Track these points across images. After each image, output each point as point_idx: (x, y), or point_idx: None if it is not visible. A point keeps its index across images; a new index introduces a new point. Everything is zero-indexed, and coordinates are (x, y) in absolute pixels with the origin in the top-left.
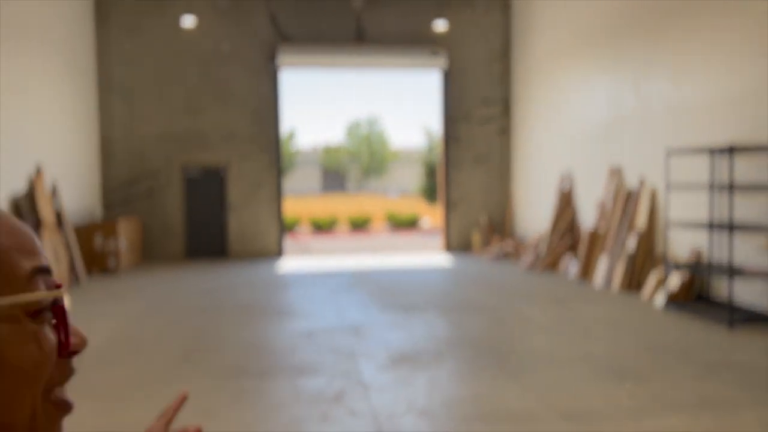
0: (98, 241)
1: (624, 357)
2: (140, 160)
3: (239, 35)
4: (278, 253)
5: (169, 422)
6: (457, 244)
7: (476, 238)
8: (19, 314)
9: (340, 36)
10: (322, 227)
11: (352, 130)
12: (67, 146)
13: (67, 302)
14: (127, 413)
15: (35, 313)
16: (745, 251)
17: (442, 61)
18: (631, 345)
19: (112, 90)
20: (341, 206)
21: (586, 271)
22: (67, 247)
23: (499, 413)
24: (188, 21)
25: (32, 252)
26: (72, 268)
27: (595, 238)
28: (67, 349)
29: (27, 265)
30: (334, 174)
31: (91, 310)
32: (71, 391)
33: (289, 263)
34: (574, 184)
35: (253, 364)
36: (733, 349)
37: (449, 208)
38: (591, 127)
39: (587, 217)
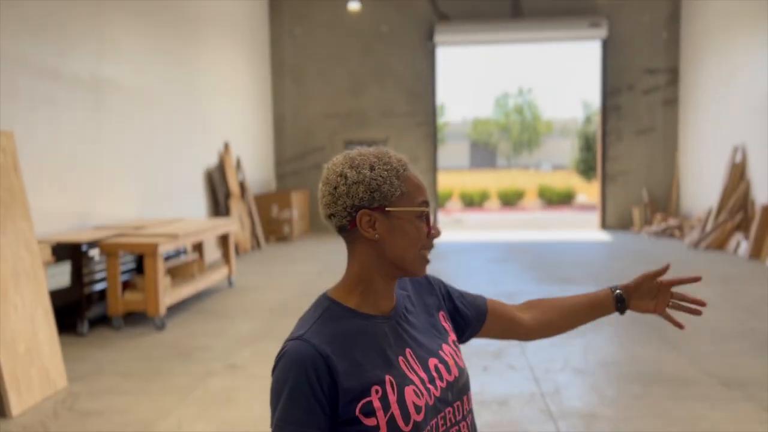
0: (274, 210)
1: None
2: (308, 136)
3: (399, 16)
4: None
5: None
6: (615, 221)
7: (636, 214)
8: (413, 216)
9: (497, 12)
10: (473, 202)
11: (501, 101)
12: (247, 124)
13: (431, 214)
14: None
15: (420, 215)
16: None
17: (602, 32)
18: None
19: (284, 73)
20: (491, 181)
21: (758, 249)
22: (250, 214)
23: (655, 376)
24: (353, 5)
25: (422, 190)
26: (254, 233)
27: None
28: (430, 233)
29: (421, 197)
30: (484, 148)
31: (276, 270)
32: (274, 336)
33: (444, 237)
34: (747, 157)
35: None
36: None
37: (607, 182)
38: (766, 97)
39: (761, 192)
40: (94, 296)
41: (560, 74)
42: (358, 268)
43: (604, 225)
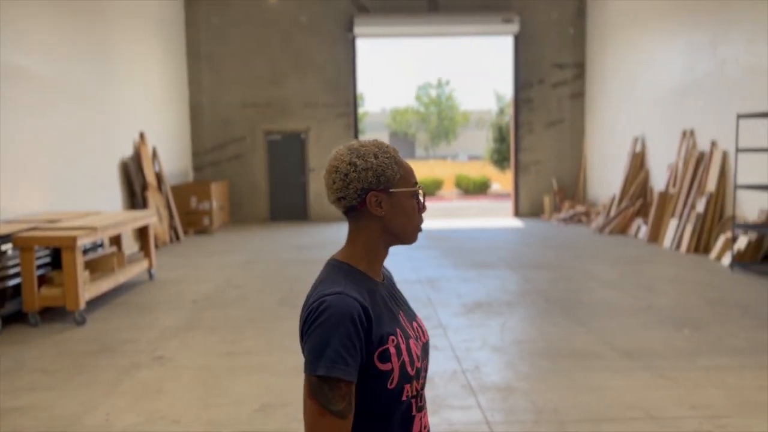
0: (193, 201)
1: (685, 309)
2: (227, 126)
3: (318, 7)
4: None
5: None
6: (528, 208)
7: (547, 202)
8: (410, 195)
9: (414, 6)
10: None
11: (421, 91)
12: (163, 114)
13: (421, 194)
14: (244, 341)
15: (414, 194)
16: None
17: (514, 27)
18: (694, 299)
19: (201, 61)
20: None
21: (656, 233)
22: (168, 206)
23: (564, 351)
24: None
25: (413, 173)
26: (172, 225)
27: (665, 201)
28: (421, 209)
29: (413, 178)
30: (403, 138)
31: (198, 262)
32: (200, 327)
33: None
34: (646, 148)
35: None
36: None
37: (520, 172)
38: (666, 90)
39: (659, 180)
40: (8, 292)
41: (476, 67)
42: (364, 240)
43: (518, 212)
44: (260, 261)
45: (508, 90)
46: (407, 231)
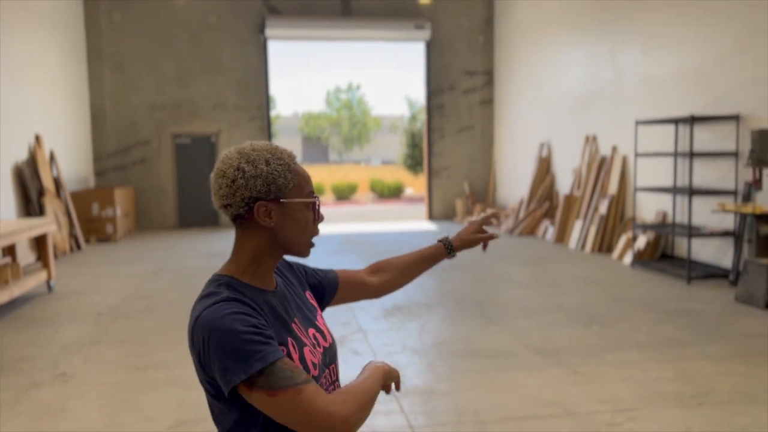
0: (95, 208)
1: (592, 307)
2: (131, 129)
3: (228, 7)
4: None
5: (481, 223)
6: (441, 212)
7: (459, 205)
8: (304, 206)
9: (327, 9)
10: None
11: (332, 96)
12: (61, 116)
13: (319, 203)
14: (155, 354)
15: (308, 206)
16: (703, 213)
17: (426, 34)
18: (600, 297)
19: (102, 61)
20: (325, 175)
21: (562, 234)
22: (67, 213)
23: (482, 351)
24: None
25: (310, 181)
26: (72, 234)
27: (570, 203)
28: (318, 219)
29: (309, 188)
30: (315, 143)
31: (101, 272)
32: (104, 340)
33: None
34: (552, 153)
35: None
36: (690, 299)
37: (433, 176)
38: (569, 97)
39: (564, 183)
40: None
41: (389, 73)
42: (250, 251)
43: (431, 216)
44: (169, 269)
45: (420, 96)
46: (299, 244)
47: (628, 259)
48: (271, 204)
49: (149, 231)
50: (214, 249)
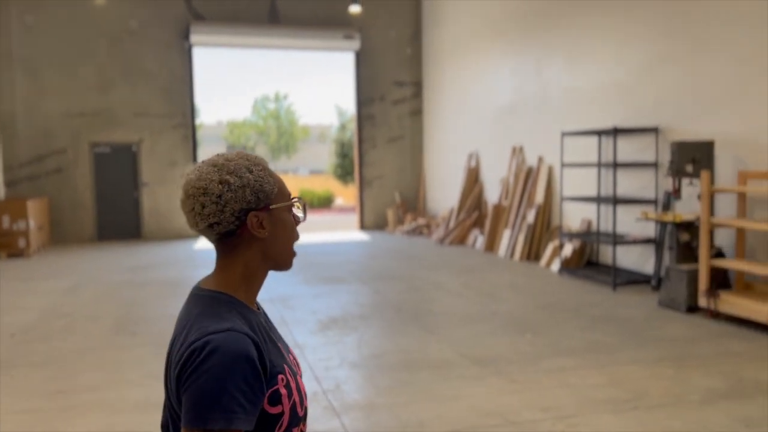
0: (5, 221)
1: (524, 314)
2: (46, 137)
3: (150, 12)
4: (195, 233)
5: None
6: (372, 222)
7: (390, 215)
8: (288, 210)
9: (254, 16)
10: None
11: (259, 105)
12: None
13: (304, 202)
14: (78, 376)
15: (290, 209)
16: (626, 222)
17: (355, 44)
18: (531, 305)
19: (13, 65)
20: None
21: (492, 243)
22: None
23: (420, 362)
24: None
25: (285, 184)
26: None
27: (499, 212)
28: (297, 221)
29: (288, 190)
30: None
31: (13, 289)
32: (22, 363)
33: (207, 244)
34: (480, 163)
35: None
36: (616, 305)
37: (364, 186)
38: (497, 108)
39: (492, 193)
40: None
41: (317, 82)
42: (242, 268)
43: (363, 226)
44: (89, 285)
45: (350, 105)
46: (288, 252)
47: (555, 266)
48: (261, 213)
49: (66, 245)
50: (137, 262)
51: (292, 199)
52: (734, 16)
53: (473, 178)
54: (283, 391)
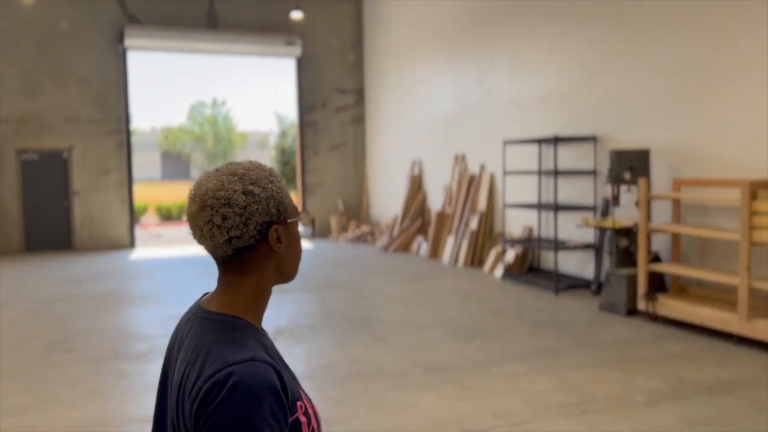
0: None
1: (472, 321)
2: None
3: (81, 13)
4: (129, 243)
5: None
6: (316, 229)
7: (334, 223)
8: (296, 224)
9: (192, 20)
10: (171, 216)
11: (195, 110)
12: None
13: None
14: (7, 398)
15: (297, 222)
16: (567, 228)
17: (296, 50)
18: (477, 311)
19: None
20: (187, 193)
21: (436, 250)
22: None
23: (372, 371)
24: None
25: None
26: None
27: (442, 220)
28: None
29: (293, 202)
30: (176, 159)
31: None
32: None
33: (143, 253)
34: (423, 170)
35: (129, 348)
36: (559, 310)
37: (307, 193)
38: (439, 117)
39: (436, 200)
40: None
41: (257, 88)
42: (254, 287)
43: (306, 232)
44: (17, 299)
45: (291, 112)
46: (297, 267)
47: (498, 272)
48: (280, 227)
49: None
50: (70, 274)
51: (301, 212)
52: (664, 34)
53: (416, 186)
54: (303, 419)
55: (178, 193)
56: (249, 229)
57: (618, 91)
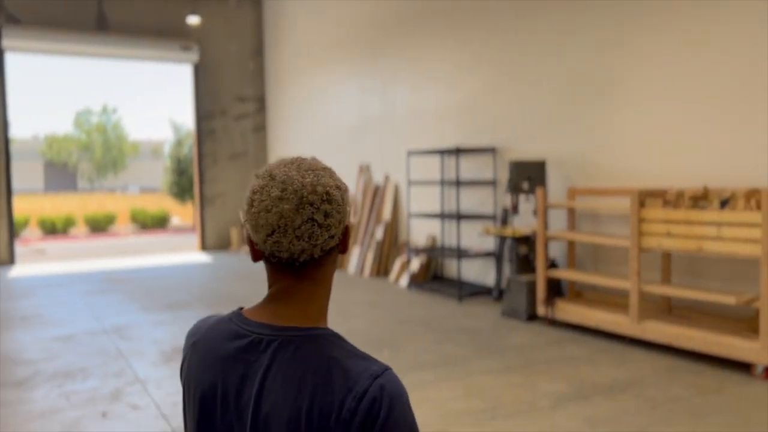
0: None
1: (380, 330)
2: None
3: None
4: (9, 259)
5: None
6: (215, 242)
7: (234, 234)
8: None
9: (79, 22)
10: (56, 229)
11: (81, 118)
12: None
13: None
14: None
15: None
16: (470, 236)
17: (193, 56)
18: (385, 320)
19: None
20: (74, 205)
21: (341, 260)
22: None
23: None
24: None
25: None
26: None
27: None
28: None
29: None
30: (61, 169)
31: None
32: None
33: (24, 270)
34: None
35: (8, 375)
36: (464, 317)
37: (205, 205)
38: (343, 127)
39: None
40: None
41: (152, 95)
42: (327, 290)
43: (204, 246)
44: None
45: (186, 120)
46: None
47: (404, 281)
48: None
49: None
50: None
51: None
52: (556, 50)
53: None
54: None
55: (64, 205)
56: (341, 227)
57: (515, 104)
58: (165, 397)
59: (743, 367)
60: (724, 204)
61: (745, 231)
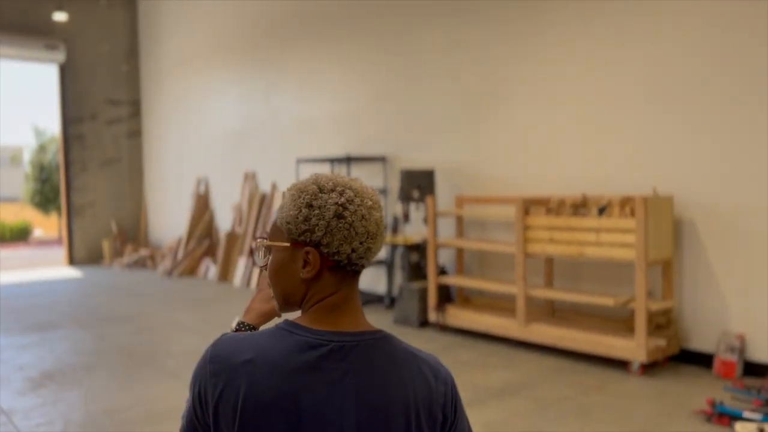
0: None
1: None
2: None
3: None
4: None
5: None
6: (85, 255)
7: (107, 247)
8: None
9: None
10: None
11: None
12: None
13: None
14: None
15: None
16: None
17: (59, 56)
18: None
19: None
20: None
21: (226, 272)
22: None
23: (164, 412)
24: None
25: None
26: None
27: (232, 240)
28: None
29: None
30: None
31: None
32: None
33: None
34: (210, 189)
35: None
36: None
37: (73, 215)
38: (225, 133)
39: (224, 220)
40: None
41: (10, 97)
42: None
43: (73, 260)
44: None
45: (52, 124)
46: None
47: None
48: None
49: None
50: None
51: None
52: (442, 60)
53: (203, 205)
54: None
55: None
56: None
57: (403, 114)
58: (34, 428)
59: (622, 365)
60: (602, 211)
61: (621, 236)
